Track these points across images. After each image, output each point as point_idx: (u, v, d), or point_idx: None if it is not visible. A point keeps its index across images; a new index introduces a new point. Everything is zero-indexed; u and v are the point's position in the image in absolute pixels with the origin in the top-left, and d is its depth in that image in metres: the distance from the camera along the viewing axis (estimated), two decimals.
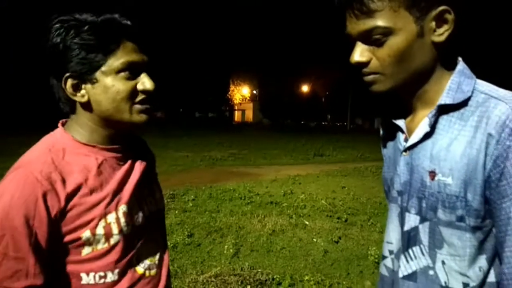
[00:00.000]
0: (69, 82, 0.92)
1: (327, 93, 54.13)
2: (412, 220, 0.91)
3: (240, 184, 7.87)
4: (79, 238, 0.91)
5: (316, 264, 3.98)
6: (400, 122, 0.96)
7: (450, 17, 0.81)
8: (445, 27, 0.82)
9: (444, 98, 0.86)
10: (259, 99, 57.36)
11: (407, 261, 0.93)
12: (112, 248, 0.95)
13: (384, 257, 1.01)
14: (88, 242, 0.92)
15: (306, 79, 51.60)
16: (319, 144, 17.93)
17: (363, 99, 42.59)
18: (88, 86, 0.93)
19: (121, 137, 1.02)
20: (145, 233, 1.05)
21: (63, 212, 0.88)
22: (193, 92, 37.78)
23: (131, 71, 0.94)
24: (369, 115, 52.25)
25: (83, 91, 0.93)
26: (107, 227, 0.93)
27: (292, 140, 20.32)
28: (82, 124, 0.98)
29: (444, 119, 0.87)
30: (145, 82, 0.96)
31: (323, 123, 58.15)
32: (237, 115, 59.90)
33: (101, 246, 0.94)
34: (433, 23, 0.82)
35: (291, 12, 45.82)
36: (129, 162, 1.04)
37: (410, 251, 0.92)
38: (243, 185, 7.76)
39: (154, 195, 1.13)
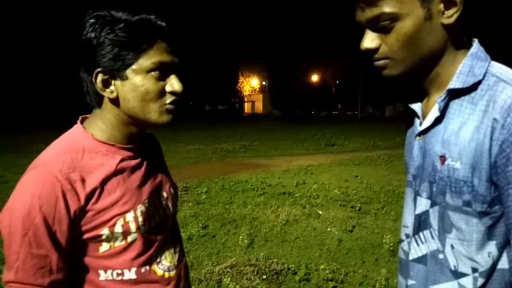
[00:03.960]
0: (100, 77, 0.93)
1: (337, 82, 53.70)
2: (423, 204, 0.92)
3: (252, 175, 7.89)
4: (99, 236, 0.92)
5: (331, 253, 3.99)
6: (416, 107, 0.96)
7: None
8: (454, 8, 0.81)
9: (454, 82, 0.85)
10: (269, 90, 57.12)
11: (418, 244, 0.94)
12: (129, 245, 0.96)
13: (401, 241, 1.02)
14: (106, 239, 0.93)
15: (316, 68, 51.18)
16: (331, 133, 17.85)
17: (373, 87, 42.18)
18: (118, 82, 0.93)
19: (138, 136, 1.03)
20: (162, 233, 1.05)
21: (82, 211, 0.89)
22: (203, 85, 37.78)
23: (162, 71, 0.94)
24: (380, 103, 51.75)
25: (112, 87, 0.94)
26: (126, 225, 0.94)
27: (303, 131, 20.26)
28: (105, 120, 0.98)
29: (455, 103, 0.86)
30: (174, 84, 0.96)
31: (333, 112, 57.77)
32: (247, 107, 59.79)
33: (119, 244, 0.94)
34: (441, 6, 0.81)
35: (299, 1, 45.41)
36: (146, 161, 1.04)
37: (421, 234, 0.93)
38: (255, 176, 7.77)
39: (170, 193, 1.13)
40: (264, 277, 3.37)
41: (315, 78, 53.37)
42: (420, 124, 0.94)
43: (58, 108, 26.10)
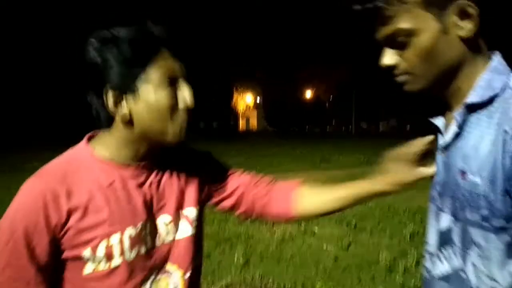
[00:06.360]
0: (111, 96, 0.89)
1: (330, 97, 54.11)
2: (446, 220, 0.90)
3: None
4: (80, 257, 0.88)
5: (327, 271, 3.95)
6: (439, 122, 0.95)
7: (472, 10, 0.80)
8: (469, 21, 0.81)
9: (471, 97, 0.84)
10: (263, 106, 57.45)
11: (441, 261, 0.92)
12: (111, 271, 0.91)
13: (425, 258, 1.00)
14: (90, 260, 0.89)
15: (309, 84, 51.61)
16: (325, 149, 17.88)
17: (367, 103, 42.54)
18: (130, 99, 0.91)
19: (151, 153, 0.98)
20: (156, 260, 0.98)
21: (63, 227, 0.86)
22: (197, 102, 37.86)
23: (171, 80, 0.93)
24: (374, 118, 52.11)
25: (124, 105, 0.91)
26: (109, 249, 0.89)
27: (297, 147, 20.27)
28: (116, 137, 0.94)
29: (474, 117, 0.85)
30: (186, 99, 0.95)
31: (327, 128, 58.03)
32: (241, 124, 59.93)
33: (102, 267, 0.90)
34: (456, 18, 0.81)
35: (292, 17, 46.04)
36: (154, 180, 0.99)
37: (444, 251, 0.91)
38: None
39: (177, 216, 1.03)
40: None
41: (308, 94, 53.79)
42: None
43: (57, 126, 26.00)
